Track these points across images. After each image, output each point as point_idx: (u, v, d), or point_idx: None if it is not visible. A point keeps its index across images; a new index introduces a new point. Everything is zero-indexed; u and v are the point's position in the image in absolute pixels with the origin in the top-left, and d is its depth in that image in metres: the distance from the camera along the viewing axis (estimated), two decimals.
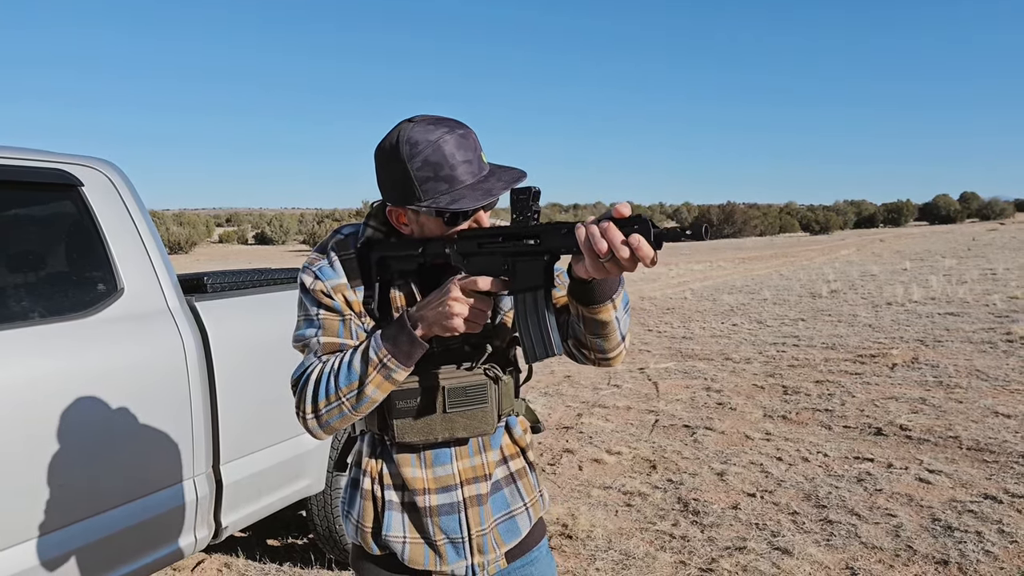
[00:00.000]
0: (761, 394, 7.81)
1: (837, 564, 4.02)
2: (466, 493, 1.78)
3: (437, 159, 1.60)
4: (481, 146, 1.69)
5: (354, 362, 1.61)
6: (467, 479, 1.79)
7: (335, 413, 1.63)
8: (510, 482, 1.88)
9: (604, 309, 1.58)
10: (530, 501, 1.91)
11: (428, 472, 1.77)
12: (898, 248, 34.54)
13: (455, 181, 1.60)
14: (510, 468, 1.88)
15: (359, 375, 1.60)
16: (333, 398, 1.61)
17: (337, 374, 1.62)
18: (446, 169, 1.60)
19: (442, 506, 1.77)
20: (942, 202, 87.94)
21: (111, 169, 3.23)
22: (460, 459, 1.79)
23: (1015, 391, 7.24)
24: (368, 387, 1.60)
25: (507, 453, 1.88)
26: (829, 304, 14.49)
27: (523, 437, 1.92)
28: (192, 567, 4.24)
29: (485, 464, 1.81)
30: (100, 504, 2.83)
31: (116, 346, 2.93)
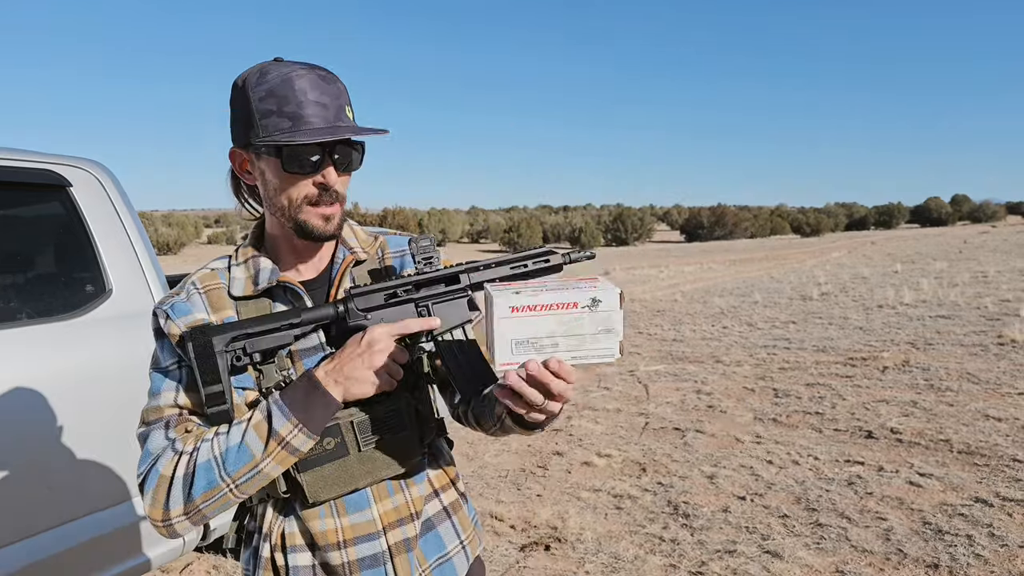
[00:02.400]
0: (752, 397, 7.81)
1: (827, 567, 4.01)
2: (391, 540, 1.50)
3: (284, 92, 1.38)
4: (350, 103, 1.46)
5: (248, 440, 1.34)
6: (390, 523, 1.51)
7: (219, 504, 1.35)
8: (444, 518, 1.61)
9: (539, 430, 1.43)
10: (467, 538, 1.64)
11: (343, 521, 1.48)
12: (889, 251, 34.65)
13: (300, 120, 1.38)
14: (443, 502, 1.62)
15: (256, 455, 1.34)
16: (219, 489, 1.33)
17: (222, 459, 1.33)
18: (292, 105, 1.37)
19: (363, 559, 1.47)
20: (933, 205, 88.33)
21: (100, 169, 3.22)
22: (379, 500, 1.51)
23: (1006, 394, 7.25)
24: (267, 466, 1.35)
25: (437, 485, 1.62)
26: (820, 307, 14.51)
27: (451, 465, 1.67)
28: (181, 569, 4.21)
29: (410, 502, 1.54)
30: (89, 505, 2.82)
31: (104, 347, 2.91)
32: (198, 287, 1.50)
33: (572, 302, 1.22)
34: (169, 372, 1.44)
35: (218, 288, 1.50)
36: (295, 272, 1.55)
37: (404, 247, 1.65)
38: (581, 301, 1.22)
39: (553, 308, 1.22)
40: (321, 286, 1.56)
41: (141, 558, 3.05)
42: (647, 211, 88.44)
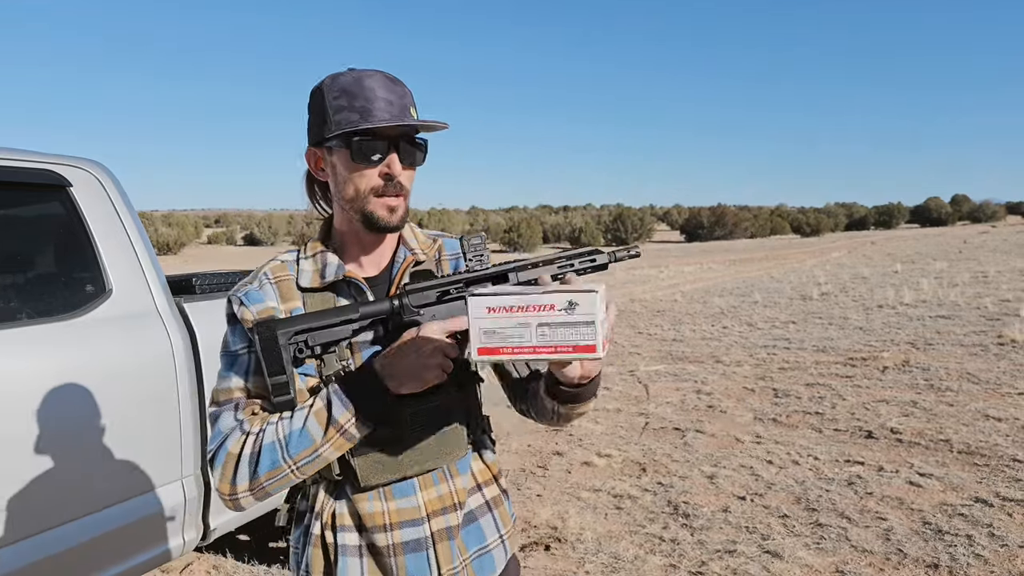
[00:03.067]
0: (751, 397, 7.81)
1: (827, 567, 4.01)
2: (434, 527, 1.57)
3: (355, 90, 1.49)
4: (415, 105, 1.57)
5: (308, 426, 1.44)
6: (434, 511, 1.58)
7: (281, 483, 1.47)
8: (486, 511, 1.68)
9: (585, 406, 1.51)
10: (506, 533, 1.71)
11: (389, 505, 1.56)
12: (889, 251, 34.64)
13: (368, 113, 1.48)
14: (485, 496, 1.69)
15: (316, 441, 1.44)
16: (282, 469, 1.44)
17: (285, 442, 1.44)
18: (361, 100, 1.49)
19: (407, 543, 1.55)
20: (933, 205, 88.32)
21: (100, 170, 3.22)
22: (425, 488, 1.58)
23: (1006, 394, 7.26)
24: (326, 451, 1.45)
25: (480, 480, 1.69)
26: (820, 307, 14.52)
27: (495, 462, 1.74)
28: (181, 569, 4.21)
29: (454, 492, 1.61)
30: (88, 506, 2.82)
31: (104, 347, 2.91)
32: (270, 278, 1.61)
33: (548, 304, 1.25)
34: (239, 356, 1.57)
35: (288, 279, 1.61)
36: (359, 268, 1.64)
37: (458, 249, 1.73)
38: (558, 304, 1.24)
39: (529, 310, 1.25)
40: (382, 283, 1.64)
41: (142, 557, 3.05)
42: (647, 211, 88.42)
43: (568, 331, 1.25)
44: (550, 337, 1.25)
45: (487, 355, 1.27)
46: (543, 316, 1.25)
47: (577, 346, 1.25)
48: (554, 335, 1.25)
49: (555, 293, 1.25)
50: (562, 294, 1.25)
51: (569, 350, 1.25)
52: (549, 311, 1.25)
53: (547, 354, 1.26)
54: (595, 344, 1.24)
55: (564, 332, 1.25)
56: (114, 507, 2.91)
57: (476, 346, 1.27)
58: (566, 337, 1.25)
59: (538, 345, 1.26)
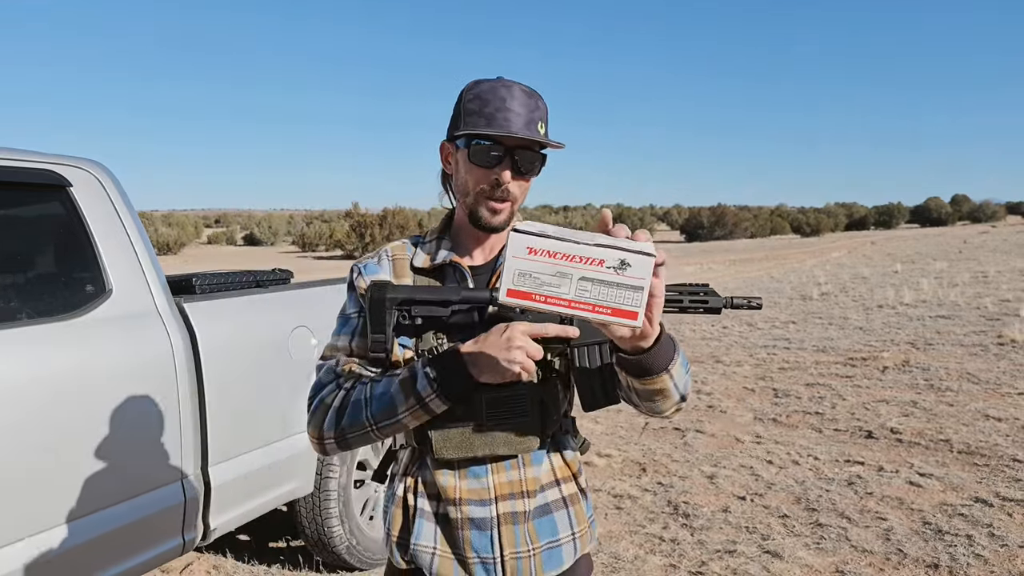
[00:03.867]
0: (751, 397, 7.82)
1: (827, 567, 4.02)
2: (500, 509, 1.64)
3: (488, 97, 1.60)
4: (546, 119, 1.66)
5: (392, 392, 1.55)
6: (503, 494, 1.65)
7: (361, 439, 1.60)
8: (561, 507, 1.72)
9: (658, 380, 1.47)
10: (579, 532, 1.74)
11: (462, 483, 1.65)
12: (889, 251, 34.64)
13: (493, 120, 1.59)
14: (562, 492, 1.73)
15: (397, 407, 1.55)
16: (363, 425, 1.57)
17: (370, 401, 1.57)
18: (491, 107, 1.59)
19: (475, 520, 1.64)
20: (933, 205, 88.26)
21: (100, 169, 3.22)
22: (496, 472, 1.66)
23: (1006, 394, 7.26)
24: (405, 418, 1.55)
25: (560, 475, 1.74)
26: (820, 307, 14.52)
27: (575, 460, 1.79)
28: (181, 569, 4.21)
29: (524, 480, 1.67)
30: (88, 505, 2.81)
31: (104, 347, 2.91)
32: (389, 255, 1.77)
33: (598, 259, 1.18)
34: (350, 319, 1.73)
35: (403, 259, 1.76)
36: (468, 257, 1.75)
37: None
38: (608, 260, 1.18)
39: (574, 260, 1.18)
40: (485, 272, 1.74)
41: (142, 557, 3.05)
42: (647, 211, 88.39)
43: (612, 291, 1.19)
44: (590, 294, 1.19)
45: (516, 298, 1.21)
46: (588, 270, 1.18)
47: (617, 309, 1.19)
48: (595, 293, 1.19)
49: (608, 248, 1.18)
50: (616, 251, 1.18)
51: (607, 312, 1.20)
52: (596, 266, 1.18)
53: (582, 311, 1.20)
54: (638, 311, 1.19)
55: (607, 292, 1.19)
56: (114, 507, 2.91)
57: (507, 287, 1.20)
58: (608, 297, 1.19)
59: (574, 300, 1.20)
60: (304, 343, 3.74)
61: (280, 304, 3.78)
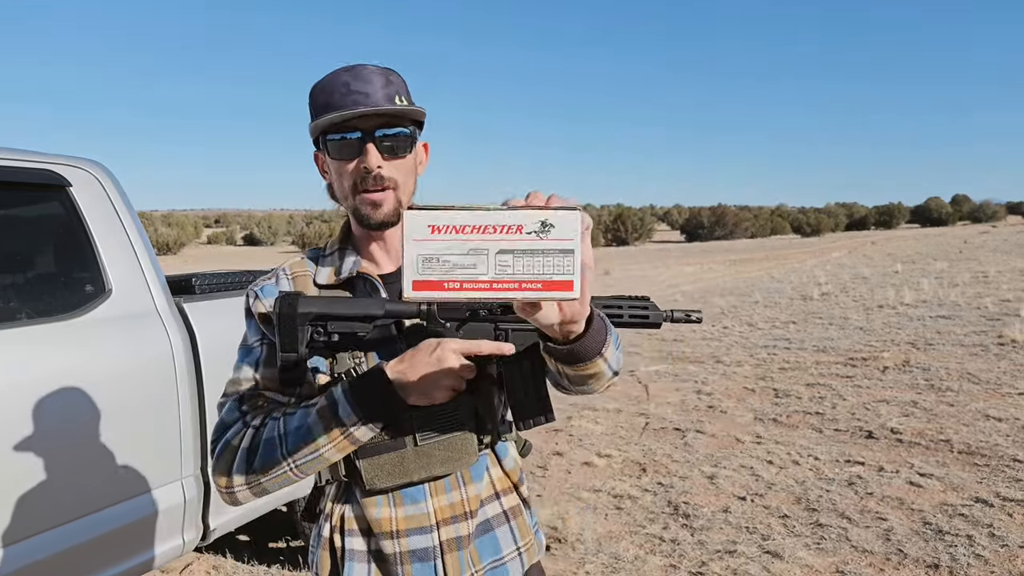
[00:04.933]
0: (752, 397, 7.81)
1: (827, 568, 4.01)
2: (443, 536, 1.51)
3: (331, 86, 1.48)
4: (405, 91, 1.53)
5: (310, 424, 1.40)
6: (444, 519, 1.52)
7: (277, 481, 1.43)
8: (503, 522, 1.60)
9: (592, 365, 1.29)
10: (524, 545, 1.62)
11: (398, 511, 1.51)
12: (889, 251, 34.62)
13: (337, 109, 1.46)
14: (503, 505, 1.61)
15: (317, 440, 1.39)
16: (278, 466, 1.41)
17: (285, 438, 1.41)
18: (336, 95, 1.47)
19: (415, 552, 1.49)
20: (934, 205, 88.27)
21: (99, 169, 3.21)
22: (435, 495, 1.52)
23: (1006, 394, 7.25)
24: (328, 451, 1.40)
25: (499, 487, 1.61)
26: (820, 307, 14.51)
27: (515, 469, 1.65)
28: (180, 569, 4.21)
29: (465, 500, 1.54)
30: (87, 506, 2.81)
31: (104, 347, 2.91)
32: (287, 273, 1.61)
33: (515, 224, 0.99)
34: (252, 349, 1.55)
35: (305, 275, 1.60)
36: (375, 265, 1.61)
37: None
38: (527, 224, 0.99)
39: (487, 231, 0.99)
40: (398, 280, 1.56)
41: (141, 557, 3.05)
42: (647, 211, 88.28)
43: (538, 261, 0.99)
44: (513, 269, 0.99)
45: (424, 291, 1.00)
46: (506, 240, 0.99)
47: (548, 282, 1.00)
48: (518, 266, 0.99)
49: (524, 210, 1.00)
50: (533, 211, 0.99)
51: (537, 287, 1.00)
52: (515, 234, 0.99)
53: (508, 291, 1.00)
54: (572, 279, 1.00)
55: (532, 262, 0.99)
56: (114, 507, 2.91)
57: (410, 278, 0.99)
58: (534, 269, 1.00)
59: (496, 279, 1.00)
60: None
61: None
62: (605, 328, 1.29)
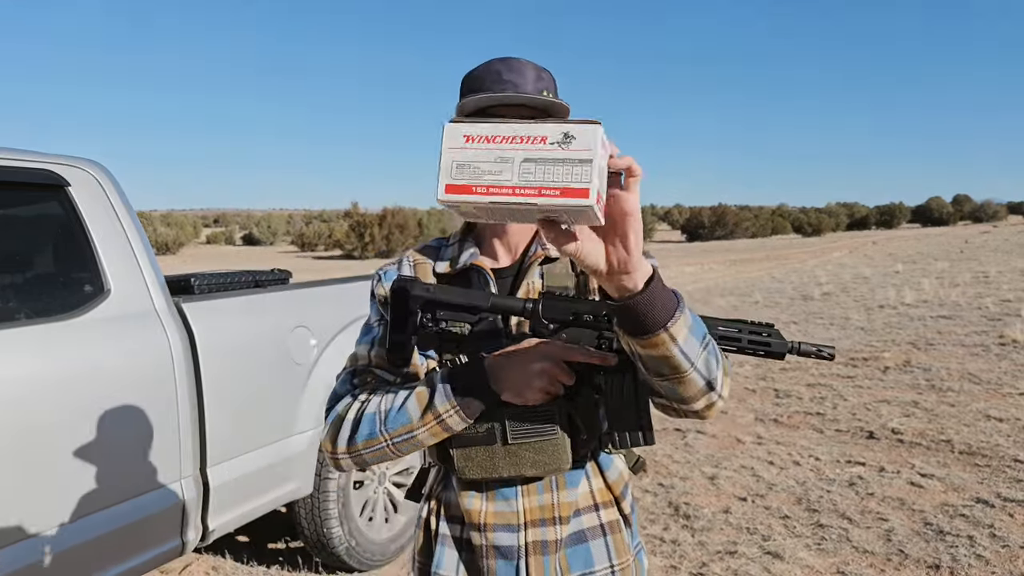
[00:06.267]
0: (752, 397, 7.80)
1: (828, 568, 4.01)
2: (529, 537, 1.52)
3: (484, 74, 1.55)
4: (553, 88, 1.58)
5: (409, 406, 1.45)
6: (532, 520, 1.53)
7: (376, 455, 1.49)
8: (599, 535, 1.57)
9: (659, 341, 1.21)
10: (620, 564, 1.57)
11: (488, 505, 1.54)
12: (890, 250, 34.62)
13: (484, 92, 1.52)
14: (600, 518, 1.58)
15: (414, 421, 1.44)
16: (378, 440, 1.47)
17: (386, 416, 1.47)
18: (486, 82, 1.53)
19: (500, 548, 1.52)
20: (935, 204, 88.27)
21: (98, 169, 3.21)
22: (526, 495, 1.54)
23: (1007, 395, 7.25)
24: (421, 434, 1.45)
25: (599, 499, 1.59)
26: (821, 307, 14.51)
27: (619, 483, 1.62)
28: (180, 570, 4.21)
29: (556, 505, 1.54)
30: (86, 507, 2.81)
31: (102, 347, 2.90)
32: (410, 261, 1.68)
33: (539, 135, 1.07)
34: (371, 328, 1.64)
35: (426, 264, 1.66)
36: (491, 259, 1.64)
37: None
38: (551, 136, 1.07)
39: (515, 141, 1.08)
40: (510, 275, 1.63)
41: (141, 558, 3.04)
42: (648, 211, 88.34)
43: (558, 169, 1.06)
44: (534, 176, 1.07)
45: (455, 194, 1.09)
46: (530, 149, 1.07)
47: (566, 189, 1.05)
48: (540, 173, 1.07)
49: (549, 123, 1.08)
50: (557, 124, 1.07)
51: (556, 193, 1.05)
52: (539, 143, 1.07)
53: (529, 196, 1.07)
54: (588, 187, 1.05)
55: (553, 170, 1.06)
56: (113, 508, 2.90)
57: (444, 182, 1.09)
58: (554, 176, 1.06)
59: (519, 185, 1.07)
60: (303, 343, 3.73)
61: (279, 304, 3.77)
62: (676, 305, 1.22)
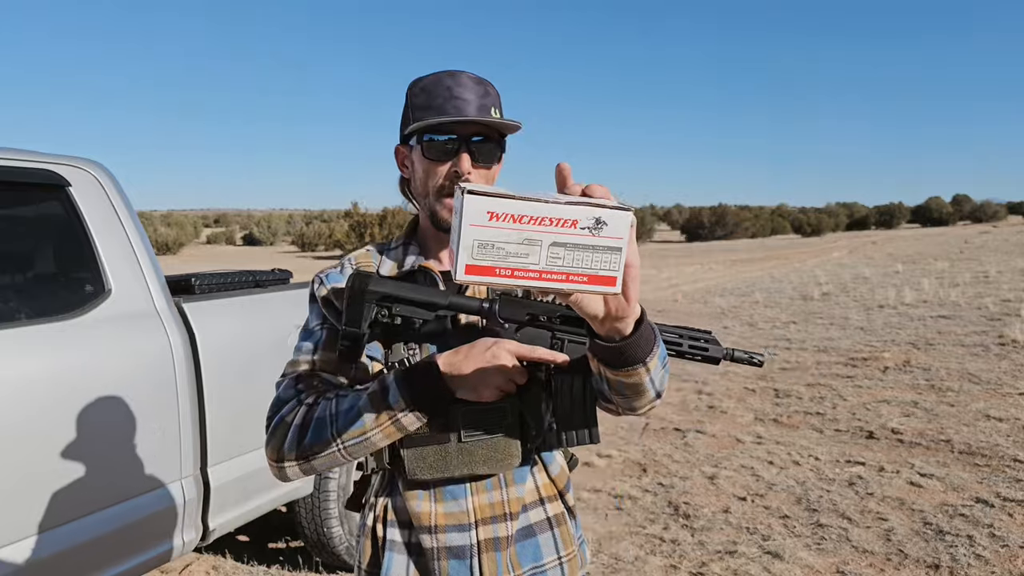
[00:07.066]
0: (752, 397, 7.81)
1: (828, 568, 4.01)
2: (481, 535, 1.53)
3: (434, 89, 1.53)
4: (499, 104, 1.59)
5: (362, 407, 1.42)
6: (483, 518, 1.54)
7: (326, 460, 1.45)
8: (546, 528, 1.61)
9: (635, 373, 1.28)
10: (566, 555, 1.62)
11: (438, 507, 1.53)
12: (890, 250, 34.59)
13: (442, 112, 1.51)
14: (547, 512, 1.62)
15: (367, 423, 1.41)
16: (329, 444, 1.43)
17: (336, 418, 1.43)
18: (439, 98, 1.52)
19: (452, 548, 1.52)
20: (934, 204, 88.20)
21: (99, 169, 3.21)
22: (476, 494, 1.54)
23: (1007, 394, 7.25)
24: (375, 436, 1.42)
25: (544, 494, 1.63)
26: (821, 307, 14.50)
27: (562, 476, 1.67)
28: (180, 569, 4.21)
29: (506, 501, 1.56)
30: (87, 506, 2.81)
31: (103, 348, 2.90)
32: (352, 263, 1.65)
33: (572, 219, 1.01)
34: (313, 332, 1.60)
35: (368, 267, 1.64)
36: (437, 262, 1.64)
37: None
38: (582, 220, 1.01)
39: (544, 223, 1.01)
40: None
41: (141, 557, 3.05)
42: (648, 211, 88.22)
43: (587, 256, 1.02)
44: (563, 261, 1.02)
45: (476, 275, 1.01)
46: (560, 233, 1.01)
47: (594, 276, 1.03)
48: (569, 259, 1.02)
49: (582, 206, 1.01)
50: (590, 208, 1.01)
51: (583, 280, 1.03)
52: (569, 228, 1.01)
53: (556, 282, 1.03)
54: (616, 276, 1.04)
55: (582, 257, 1.02)
56: (113, 508, 2.90)
57: (463, 262, 1.00)
58: (583, 263, 1.03)
59: (545, 270, 1.02)
60: None
61: (279, 304, 3.77)
62: (654, 340, 1.28)
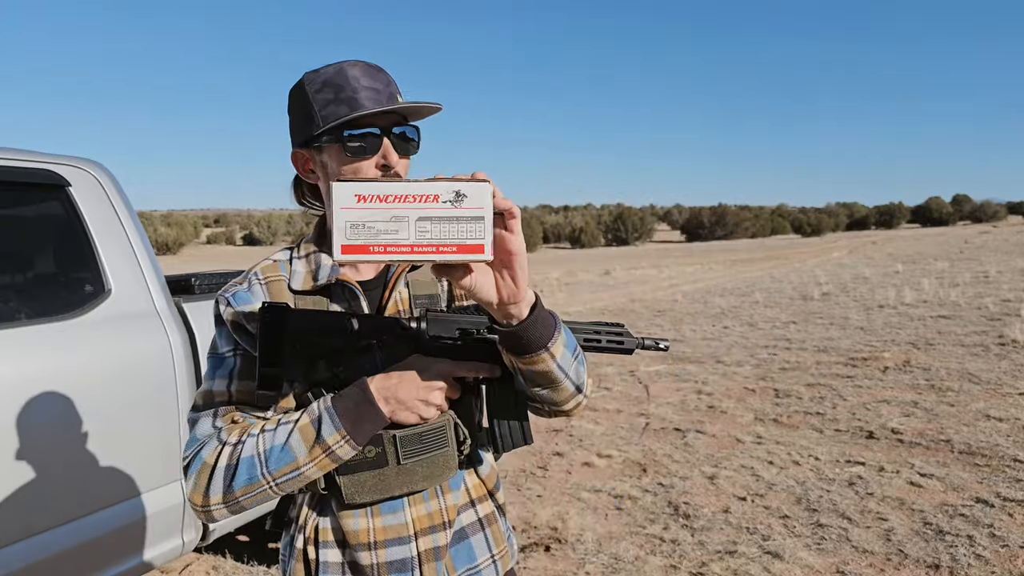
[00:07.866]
0: (752, 397, 7.80)
1: (828, 568, 4.01)
2: (422, 546, 1.48)
3: (339, 81, 1.43)
4: (400, 91, 1.50)
5: (293, 443, 1.35)
6: (423, 528, 1.49)
7: (257, 498, 1.37)
8: (478, 529, 1.58)
9: (540, 359, 1.29)
10: (499, 553, 1.61)
11: (375, 522, 1.47)
12: (890, 250, 34.60)
13: (357, 104, 1.42)
14: (478, 513, 1.59)
15: (299, 458, 1.35)
16: (260, 484, 1.35)
17: (267, 458, 1.35)
18: (348, 91, 1.42)
19: (392, 563, 1.46)
20: (934, 204, 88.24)
21: (99, 170, 3.21)
22: (413, 504, 1.49)
23: (1007, 394, 7.25)
24: (309, 470, 1.35)
25: (475, 495, 1.59)
26: (821, 307, 14.50)
27: (491, 475, 1.63)
28: (180, 569, 4.21)
29: (444, 510, 1.52)
30: (87, 506, 2.81)
31: (103, 347, 2.91)
32: (260, 278, 1.52)
33: (432, 194, 1.10)
34: (224, 359, 1.47)
35: (279, 280, 1.52)
36: (353, 271, 1.55)
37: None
38: (443, 194, 1.10)
39: (408, 200, 1.10)
40: (376, 288, 1.55)
41: (142, 557, 3.05)
42: (648, 211, 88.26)
43: (453, 227, 1.11)
44: (431, 234, 1.10)
45: (352, 254, 1.10)
46: (424, 208, 1.10)
47: (463, 245, 1.11)
48: (436, 231, 1.10)
49: (440, 182, 1.11)
50: (449, 182, 1.10)
51: (453, 250, 1.11)
52: (432, 202, 1.10)
53: (426, 254, 1.10)
54: (483, 243, 1.11)
55: (448, 228, 1.11)
56: (113, 508, 2.91)
57: (339, 243, 1.09)
58: (450, 234, 1.11)
59: (416, 244, 1.10)
60: None
61: None
62: (554, 325, 1.30)
